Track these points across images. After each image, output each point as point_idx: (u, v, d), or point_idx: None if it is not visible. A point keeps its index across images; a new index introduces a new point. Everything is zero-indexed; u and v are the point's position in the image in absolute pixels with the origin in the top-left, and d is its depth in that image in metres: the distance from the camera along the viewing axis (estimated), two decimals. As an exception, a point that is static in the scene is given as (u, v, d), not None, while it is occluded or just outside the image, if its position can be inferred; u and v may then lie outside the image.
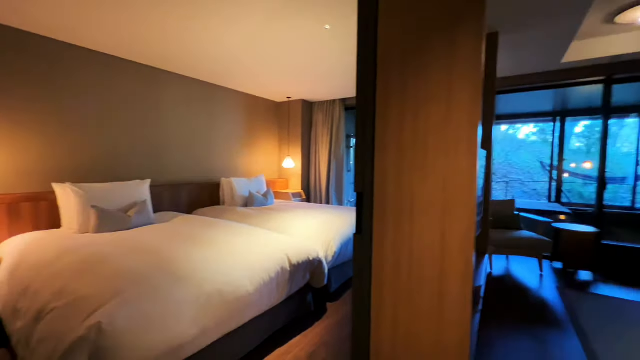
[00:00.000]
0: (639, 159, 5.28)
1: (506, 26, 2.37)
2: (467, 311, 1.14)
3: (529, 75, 3.54)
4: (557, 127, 5.85)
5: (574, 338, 2.04)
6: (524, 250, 3.14)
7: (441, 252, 1.17)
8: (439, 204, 1.17)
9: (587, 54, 2.98)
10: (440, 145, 1.16)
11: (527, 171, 8.31)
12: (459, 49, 1.11)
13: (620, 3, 2.31)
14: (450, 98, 1.14)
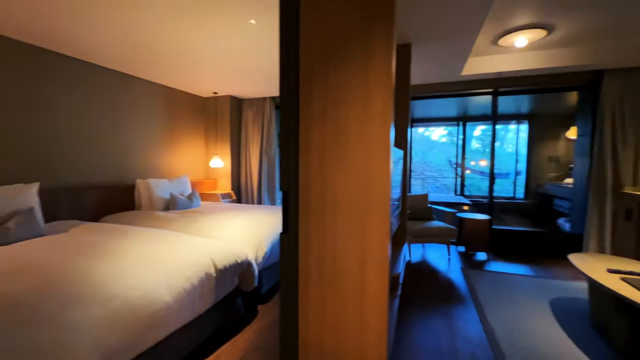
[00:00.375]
0: (518, 157, 6.51)
1: (417, 39, 2.65)
2: (385, 298, 1.23)
3: (437, 84, 4.02)
4: (461, 130, 6.82)
5: (473, 310, 2.40)
6: (435, 238, 3.57)
7: (361, 246, 1.25)
8: (358, 199, 1.24)
9: (479, 70, 3.52)
10: (359, 144, 1.23)
11: (439, 168, 9.51)
12: (373, 55, 1.20)
13: (501, 29, 2.80)
14: (367, 100, 1.21)
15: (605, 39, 3.03)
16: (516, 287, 2.80)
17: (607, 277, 1.90)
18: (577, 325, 2.14)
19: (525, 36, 2.82)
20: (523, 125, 6.45)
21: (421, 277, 3.08)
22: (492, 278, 3.03)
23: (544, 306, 2.42)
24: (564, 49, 3.26)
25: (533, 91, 3.90)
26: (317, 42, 1.26)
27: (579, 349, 1.86)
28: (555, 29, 2.78)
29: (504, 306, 2.43)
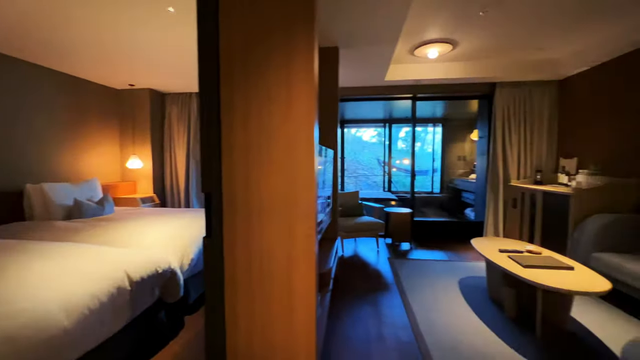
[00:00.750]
0: (434, 156, 7.33)
1: (344, 43, 2.77)
2: (313, 295, 1.26)
3: (365, 87, 4.27)
4: (387, 131, 7.38)
5: (398, 296, 2.62)
6: (366, 232, 3.79)
7: (288, 245, 1.25)
8: (284, 199, 1.24)
9: (400, 76, 3.86)
10: (283, 143, 1.23)
11: (370, 167, 10.16)
12: (296, 54, 1.20)
13: (416, 41, 3.10)
14: (290, 99, 1.22)
15: (495, 57, 3.60)
16: (433, 271, 3.15)
17: (498, 256, 2.27)
18: (478, 299, 2.50)
19: (435, 48, 3.19)
20: (438, 127, 7.28)
21: (353, 270, 3.24)
22: (414, 265, 3.35)
23: (454, 286, 2.78)
24: (466, 63, 3.77)
25: (445, 98, 4.44)
26: (237, 37, 1.21)
27: (479, 318, 2.19)
28: (458, 45, 3.21)
29: (423, 289, 2.71)
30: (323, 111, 2.87)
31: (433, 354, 1.80)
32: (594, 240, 2.55)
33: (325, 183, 2.37)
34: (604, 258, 2.41)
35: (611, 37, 2.85)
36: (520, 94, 3.91)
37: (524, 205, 3.66)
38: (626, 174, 2.88)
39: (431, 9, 2.45)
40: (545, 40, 3.11)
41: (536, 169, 3.85)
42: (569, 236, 2.84)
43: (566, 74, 3.66)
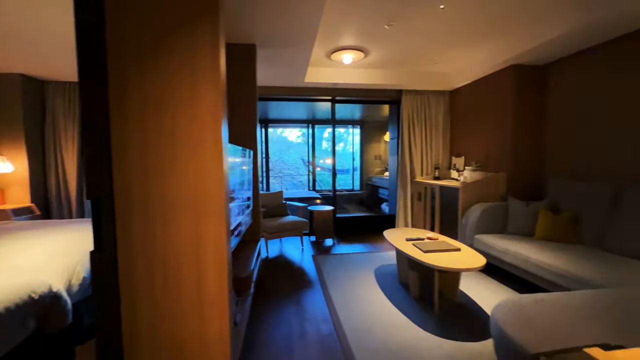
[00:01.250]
0: (354, 156, 7.85)
1: (261, 42, 2.73)
2: (226, 302, 1.20)
3: (287, 87, 4.29)
4: (310, 132, 7.58)
5: (320, 291, 2.71)
6: (290, 231, 3.82)
7: (197, 251, 1.17)
8: (191, 203, 1.16)
9: (319, 79, 4.00)
10: (188, 145, 1.14)
11: (295, 167, 10.29)
12: (200, 51, 1.13)
13: (332, 46, 3.26)
14: (194, 99, 1.14)
15: (401, 67, 4.04)
16: (353, 264, 3.36)
17: (404, 245, 2.55)
18: (390, 284, 2.77)
19: (349, 55, 3.40)
20: (357, 129, 7.81)
21: (277, 271, 3.23)
22: (336, 260, 3.52)
23: (370, 275, 3.01)
24: (377, 70, 4.13)
25: (361, 102, 4.77)
26: (130, 30, 1.08)
27: (390, 302, 2.42)
28: (370, 53, 3.49)
29: (343, 282, 2.87)
30: (241, 110, 2.78)
31: (350, 340, 1.92)
32: (475, 225, 3.08)
33: (244, 184, 2.30)
34: (482, 239, 2.93)
35: (487, 56, 3.49)
36: (421, 101, 4.47)
37: (427, 198, 4.20)
38: (496, 169, 3.56)
39: (343, 18, 2.60)
40: (438, 56, 3.62)
41: (435, 167, 4.45)
42: (459, 222, 3.37)
43: (455, 86, 4.33)
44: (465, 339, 1.93)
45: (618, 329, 1.26)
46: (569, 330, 1.25)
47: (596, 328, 1.27)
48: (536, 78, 3.32)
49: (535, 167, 3.39)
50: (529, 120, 3.35)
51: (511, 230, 2.99)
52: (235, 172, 1.92)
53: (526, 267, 2.40)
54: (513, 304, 1.49)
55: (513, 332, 1.31)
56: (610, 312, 1.38)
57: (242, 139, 2.77)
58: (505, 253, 2.62)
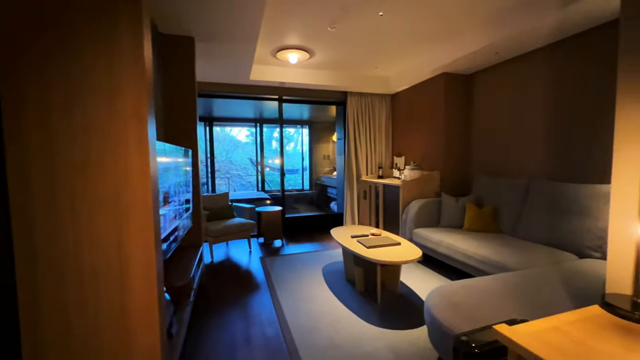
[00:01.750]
0: (304, 156, 7.88)
1: (200, 35, 2.58)
2: (155, 315, 1.10)
3: (233, 85, 4.13)
4: (258, 131, 7.41)
5: (267, 294, 2.66)
6: (237, 234, 3.69)
7: (119, 258, 1.05)
8: (112, 205, 1.04)
9: (264, 77, 3.92)
10: (107, 141, 1.02)
11: (244, 167, 9.96)
12: (119, 38, 1.02)
13: (277, 45, 3.22)
14: (112, 90, 1.02)
15: (346, 69, 4.16)
16: (301, 264, 3.37)
17: (350, 241, 2.63)
18: (337, 281, 2.84)
19: (295, 54, 3.40)
20: (306, 129, 7.86)
21: (222, 276, 3.09)
22: (285, 261, 3.49)
23: (318, 274, 3.05)
24: (323, 71, 4.20)
25: (308, 102, 4.80)
26: (25, 5, 0.93)
27: (337, 298, 2.48)
28: (315, 54, 3.53)
29: (291, 283, 2.85)
30: (179, 106, 2.60)
31: (296, 340, 1.92)
32: (414, 220, 3.31)
33: (182, 185, 2.15)
34: (420, 232, 3.16)
35: (422, 64, 3.77)
36: (365, 103, 4.67)
37: (372, 196, 4.40)
38: (431, 168, 3.88)
39: (286, 16, 2.59)
40: (379, 61, 3.81)
41: (379, 166, 4.69)
42: (400, 218, 3.59)
43: (395, 90, 4.60)
44: (405, 328, 2.06)
45: (525, 306, 1.45)
46: (487, 311, 1.41)
47: (508, 306, 1.45)
48: (463, 86, 3.69)
49: (463, 166, 3.76)
50: (457, 124, 3.71)
51: (444, 223, 3.28)
52: (170, 172, 1.78)
53: (456, 256, 2.65)
54: (443, 290, 1.63)
55: (441, 317, 1.43)
56: (520, 291, 1.59)
57: (181, 137, 2.59)
58: (439, 244, 2.86)
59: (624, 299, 1.03)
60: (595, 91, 2.41)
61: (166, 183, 1.67)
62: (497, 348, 1.04)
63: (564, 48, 2.63)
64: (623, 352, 0.79)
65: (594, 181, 2.38)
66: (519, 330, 0.87)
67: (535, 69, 2.89)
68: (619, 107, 1.12)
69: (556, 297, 1.52)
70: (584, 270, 1.85)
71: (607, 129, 2.27)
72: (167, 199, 1.67)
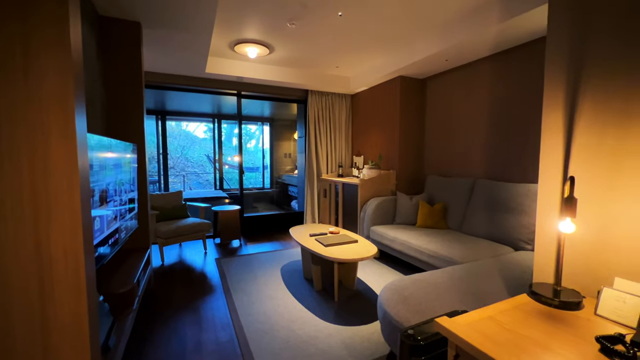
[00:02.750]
0: (264, 153, 7.73)
1: (147, 20, 2.38)
2: (85, 331, 0.99)
3: (185, 76, 3.89)
4: (216, 127, 7.11)
5: (222, 297, 2.55)
6: (191, 235, 3.49)
7: (39, 267, 0.92)
8: (28, 206, 0.91)
9: (222, 70, 3.76)
10: (19, 132, 0.89)
11: (200, 164, 9.50)
12: (36, 12, 0.89)
13: (235, 37, 3.10)
14: (27, 71, 0.89)
15: (307, 67, 4.14)
16: (259, 264, 3.29)
17: (308, 240, 2.62)
18: (295, 280, 2.82)
19: (254, 49, 3.30)
20: (267, 126, 7.71)
21: (174, 280, 2.91)
22: (242, 262, 3.38)
23: (276, 274, 3.00)
24: (284, 68, 4.14)
25: (268, 98, 4.70)
26: None
27: (295, 298, 2.45)
28: (274, 50, 3.46)
29: (247, 284, 2.77)
30: (122, 97, 2.38)
31: (251, 343, 1.86)
32: (371, 217, 3.41)
33: (124, 183, 1.97)
34: (376, 229, 3.26)
35: (380, 66, 3.88)
36: (326, 102, 4.69)
37: (331, 194, 4.44)
38: (388, 168, 4.02)
39: (243, 7, 2.49)
40: (339, 61, 3.86)
41: (338, 164, 4.75)
42: (358, 216, 3.67)
43: (355, 90, 4.69)
44: (360, 324, 2.10)
45: (467, 296, 1.55)
46: (433, 304, 1.48)
47: (452, 298, 1.54)
48: (417, 89, 3.87)
49: (417, 166, 3.96)
50: (412, 125, 3.88)
51: (399, 220, 3.42)
52: (109, 169, 1.61)
53: (409, 252, 2.77)
54: (394, 286, 1.69)
55: (392, 311, 1.47)
56: (464, 283, 1.70)
57: (125, 131, 2.38)
58: (394, 241, 2.97)
59: (547, 288, 1.14)
60: (531, 98, 2.67)
61: (104, 181, 1.51)
62: (440, 339, 1.09)
63: (506, 59, 2.88)
64: (544, 337, 0.87)
65: (527, 181, 2.63)
66: (458, 321, 0.92)
67: (481, 77, 3.12)
68: (544, 113, 1.23)
69: (494, 288, 1.66)
70: (518, 262, 2.04)
71: (538, 133, 2.53)
72: (104, 198, 1.51)
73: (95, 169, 1.38)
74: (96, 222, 1.36)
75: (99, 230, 1.44)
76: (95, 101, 2.09)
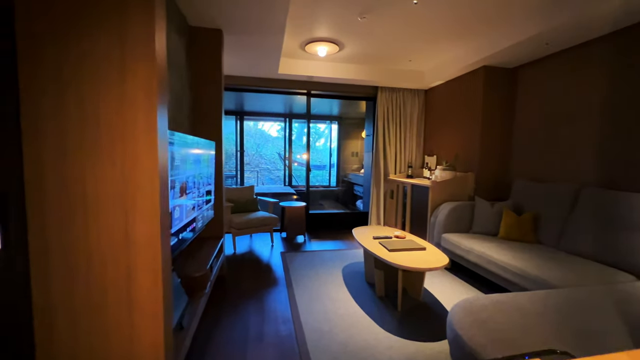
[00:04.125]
0: (332, 152, 7.79)
1: (228, 28, 2.58)
2: (160, 307, 1.09)
3: (259, 78, 4.13)
4: (287, 126, 7.44)
5: (284, 289, 2.63)
6: (260, 227, 3.71)
7: (127, 251, 1.05)
8: (119, 197, 1.03)
9: (293, 71, 3.88)
10: (115, 130, 1.01)
11: (272, 161, 10.10)
12: (130, 25, 1.00)
13: (306, 37, 3.15)
14: (123, 78, 1.01)
15: (377, 63, 3.99)
16: (322, 262, 3.30)
17: (371, 243, 2.51)
18: (357, 283, 2.73)
19: (324, 47, 3.30)
20: (335, 125, 7.75)
21: (243, 268, 3.12)
22: (305, 258, 3.45)
23: (338, 273, 2.97)
24: (353, 65, 4.06)
25: (337, 97, 4.69)
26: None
27: (355, 301, 2.38)
28: (344, 47, 3.41)
29: (309, 280, 2.80)
30: (205, 99, 2.63)
31: (309, 342, 1.86)
32: (443, 223, 3.10)
33: (202, 177, 2.16)
34: (449, 237, 2.95)
35: (459, 57, 3.50)
36: (396, 99, 4.46)
37: (399, 196, 4.21)
38: (465, 169, 3.61)
39: (315, 6, 2.50)
40: (413, 54, 3.60)
41: (408, 165, 4.47)
42: (428, 221, 3.39)
43: (429, 85, 4.34)
44: (425, 339, 1.92)
45: (567, 332, 1.26)
46: (518, 334, 1.24)
47: (545, 332, 1.26)
48: (506, 80, 3.37)
49: (502, 168, 3.45)
50: (497, 123, 3.40)
51: (476, 229, 3.03)
52: (189, 163, 1.78)
53: (488, 267, 2.43)
54: (469, 304, 1.47)
55: (466, 334, 1.28)
56: (562, 314, 1.39)
57: (207, 130, 2.62)
58: (470, 252, 2.64)
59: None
60: (669, 86, 2.06)
61: (184, 174, 1.67)
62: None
63: (629, 38, 2.28)
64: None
65: (661, 191, 2.04)
66: (558, 368, 0.72)
67: (593, 61, 2.54)
68: None
69: (608, 326, 1.31)
70: (643, 295, 1.59)
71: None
72: (184, 190, 1.67)
73: (176, 163, 1.53)
74: (176, 211, 1.51)
75: (178, 218, 1.60)
76: (183, 104, 2.34)
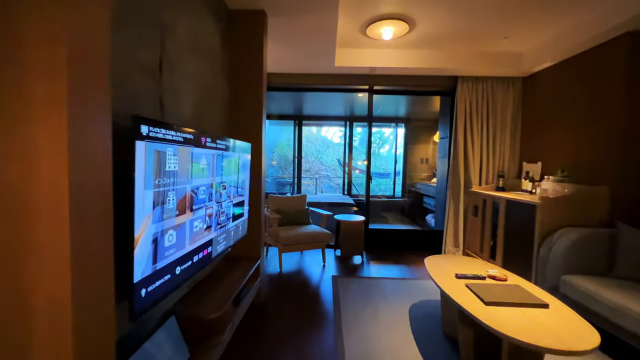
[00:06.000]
0: (397, 158, 6.95)
1: (272, 7, 2.16)
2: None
3: (314, 74, 3.67)
4: (348, 130, 6.89)
5: (331, 333, 2.03)
6: (309, 244, 3.21)
7: (14, 286, 0.60)
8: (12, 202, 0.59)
9: (352, 62, 3.32)
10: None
11: (333, 168, 9.65)
12: None
13: (366, 15, 2.56)
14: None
15: (458, 45, 3.17)
16: (382, 294, 2.62)
17: (454, 285, 1.76)
18: (429, 331, 1.99)
19: (390, 27, 2.67)
20: (401, 128, 6.92)
21: (286, 294, 2.63)
22: (362, 286, 2.80)
23: (403, 312, 2.26)
24: (426, 51, 3.32)
25: (404, 92, 3.96)
26: None
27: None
28: (416, 25, 2.71)
29: (364, 319, 2.16)
30: (243, 92, 2.24)
31: None
32: (562, 260, 2.14)
33: (228, 186, 1.73)
34: (574, 282, 1.99)
35: (581, 25, 2.50)
36: (483, 90, 3.53)
37: (486, 213, 3.26)
38: (593, 182, 2.53)
39: (378, -34, 1.91)
40: (512, 27, 2.71)
41: (499, 174, 3.48)
42: (534, 253, 2.43)
43: (531, 70, 3.32)
44: None
45: None
46: None
47: None
48: (669, 49, 2.25)
49: (661, 181, 2.31)
50: (653, 112, 2.29)
51: (621, 271, 2.01)
52: (196, 169, 1.34)
53: (664, 345, 1.46)
54: None
55: None
56: None
57: (243, 129, 2.23)
58: (619, 311, 1.68)
59: None
60: None
61: (187, 184, 1.23)
62: None
63: None
64: None
65: None
66: None
67: None
68: None
69: None
70: None
71: None
72: (187, 205, 1.23)
73: (169, 167, 1.10)
74: (166, 238, 1.07)
75: (178, 245, 1.16)
76: (214, 96, 1.97)
